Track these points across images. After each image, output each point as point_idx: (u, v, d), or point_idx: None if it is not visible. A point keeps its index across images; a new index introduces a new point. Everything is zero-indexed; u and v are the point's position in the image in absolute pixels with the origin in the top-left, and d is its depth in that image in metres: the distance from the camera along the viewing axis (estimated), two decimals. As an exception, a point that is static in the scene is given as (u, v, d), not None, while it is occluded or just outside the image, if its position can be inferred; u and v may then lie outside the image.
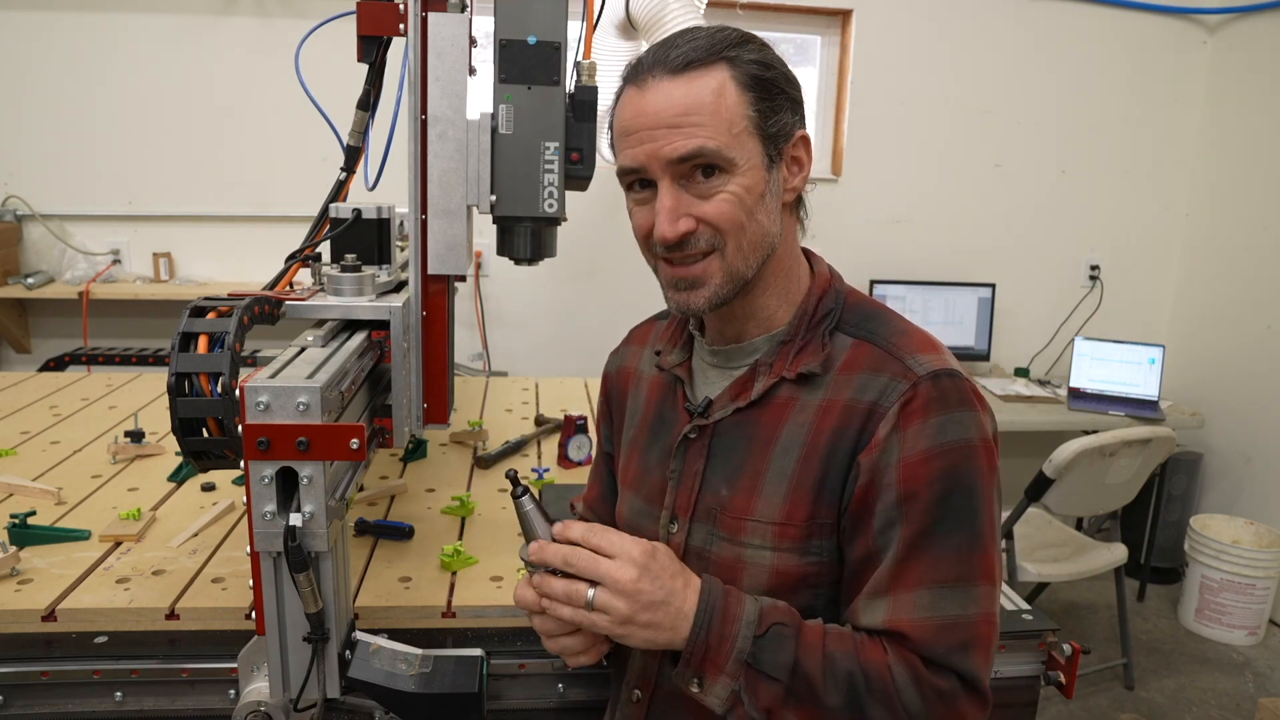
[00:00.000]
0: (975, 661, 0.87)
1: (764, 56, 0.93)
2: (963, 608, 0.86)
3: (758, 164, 0.92)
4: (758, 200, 0.93)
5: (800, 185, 0.97)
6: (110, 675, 1.20)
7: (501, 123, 1.25)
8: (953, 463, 0.87)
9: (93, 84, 3.39)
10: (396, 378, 1.26)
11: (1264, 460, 3.68)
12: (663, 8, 2.64)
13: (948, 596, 0.86)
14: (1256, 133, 3.76)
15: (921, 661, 0.86)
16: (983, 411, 0.91)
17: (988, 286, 3.86)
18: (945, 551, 0.87)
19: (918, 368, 0.91)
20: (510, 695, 1.27)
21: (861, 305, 1.01)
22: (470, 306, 3.69)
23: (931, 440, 0.88)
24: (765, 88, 0.91)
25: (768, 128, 0.92)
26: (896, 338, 0.95)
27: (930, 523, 0.87)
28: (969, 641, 0.86)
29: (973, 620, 0.87)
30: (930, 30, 3.76)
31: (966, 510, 0.88)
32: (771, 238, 0.96)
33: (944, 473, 0.87)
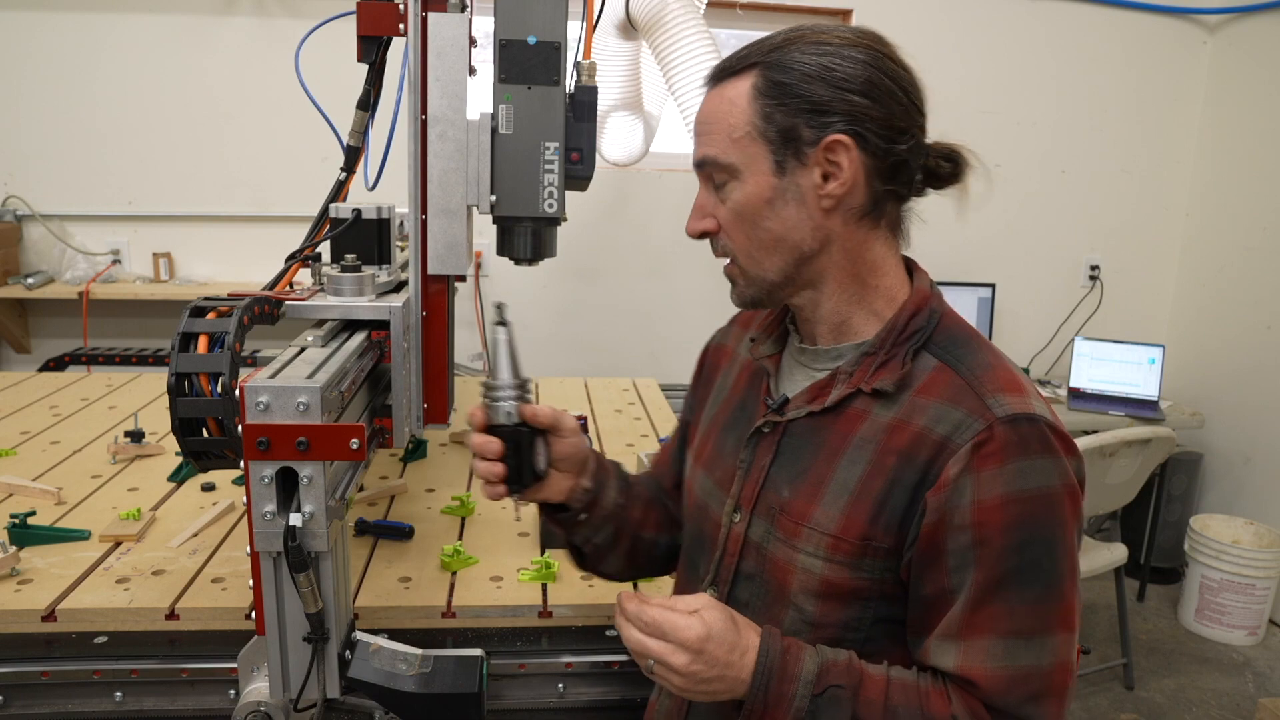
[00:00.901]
0: (1048, 711, 0.86)
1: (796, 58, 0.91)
2: (1038, 658, 0.85)
3: (763, 169, 0.92)
4: (763, 205, 0.93)
5: (838, 191, 0.91)
6: (110, 675, 1.20)
7: (501, 123, 1.25)
8: (1030, 512, 0.85)
9: (93, 84, 3.39)
10: (396, 378, 1.26)
11: (1264, 460, 3.68)
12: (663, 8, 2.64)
13: (1022, 647, 0.85)
14: (1256, 133, 3.76)
15: (988, 711, 0.86)
16: (1067, 456, 0.88)
17: (988, 286, 3.86)
18: (1021, 602, 0.85)
19: (997, 408, 0.87)
20: (510, 695, 1.27)
21: (955, 329, 0.97)
22: (470, 306, 3.69)
23: (1008, 486, 0.85)
24: (782, 90, 0.90)
25: (772, 132, 0.91)
26: (981, 371, 0.91)
27: (1005, 571, 0.85)
28: (1042, 692, 0.86)
29: (1047, 670, 0.86)
30: (930, 30, 3.77)
31: (1044, 560, 0.86)
32: (794, 244, 0.94)
33: (1021, 521, 0.85)
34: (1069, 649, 0.87)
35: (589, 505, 1.12)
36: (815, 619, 0.95)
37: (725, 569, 1.04)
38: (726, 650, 0.88)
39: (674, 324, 3.82)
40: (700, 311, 3.84)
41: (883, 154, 0.91)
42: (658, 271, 3.78)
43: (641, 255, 3.78)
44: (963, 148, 0.99)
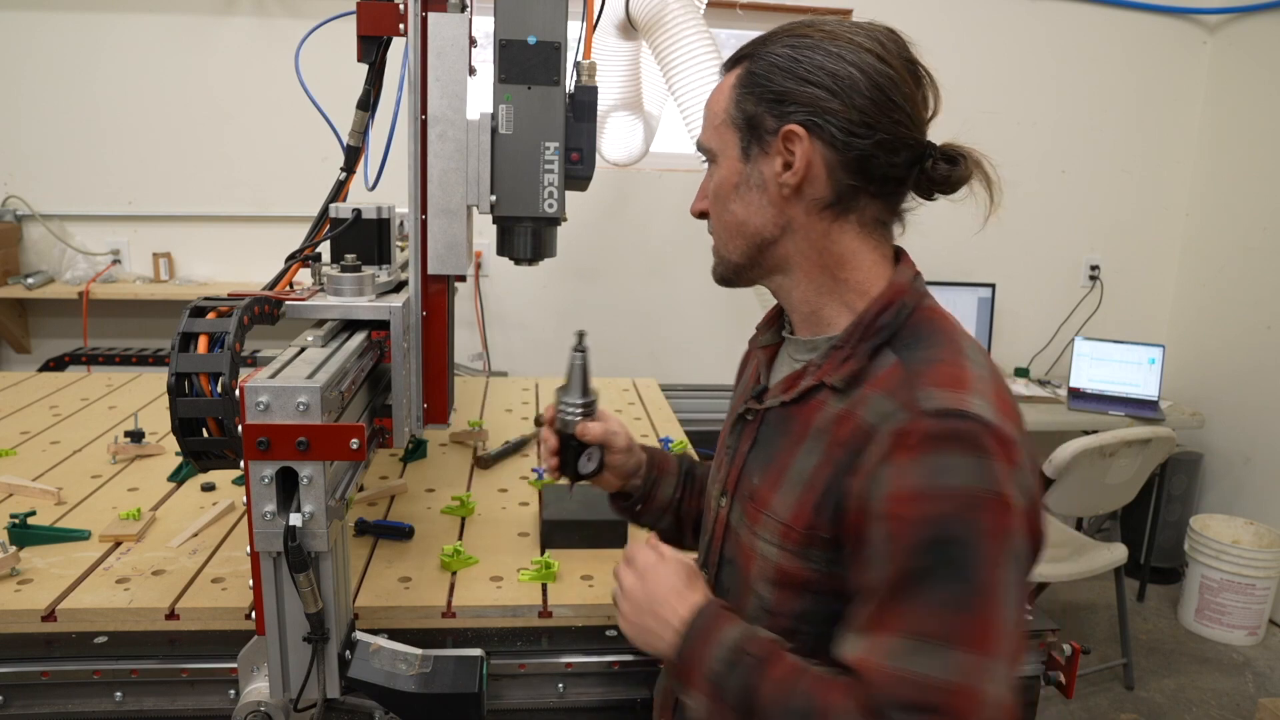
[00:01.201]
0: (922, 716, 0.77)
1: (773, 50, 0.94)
2: (938, 670, 0.77)
3: (733, 155, 0.97)
4: (730, 190, 0.98)
5: (792, 180, 0.92)
6: (110, 675, 1.20)
7: (501, 123, 1.25)
8: (946, 511, 0.79)
9: (93, 84, 3.39)
10: (396, 378, 1.26)
11: (1264, 460, 3.68)
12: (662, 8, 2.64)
13: (922, 652, 0.78)
14: (1256, 133, 3.76)
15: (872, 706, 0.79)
16: (1003, 463, 0.80)
17: (988, 286, 3.86)
18: (928, 604, 0.79)
19: (925, 401, 0.83)
20: (510, 695, 1.27)
21: (925, 325, 0.94)
22: (470, 306, 3.69)
23: (924, 479, 0.80)
24: (751, 81, 0.94)
25: (740, 118, 0.95)
26: (926, 365, 0.88)
27: (914, 568, 0.80)
28: (932, 708, 0.76)
29: (943, 687, 0.76)
30: (930, 30, 3.73)
31: (960, 566, 0.78)
32: (754, 229, 0.97)
33: (934, 518, 0.79)
34: (983, 675, 0.77)
35: (644, 499, 1.26)
36: (772, 607, 0.96)
37: (713, 553, 1.08)
38: (666, 590, 0.96)
39: (674, 324, 3.82)
40: (700, 311, 3.84)
41: (843, 147, 0.90)
42: (658, 271, 3.78)
43: (641, 255, 3.78)
44: (971, 150, 0.98)
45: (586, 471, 1.20)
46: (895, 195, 0.97)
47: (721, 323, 3.81)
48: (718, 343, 3.79)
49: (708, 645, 0.90)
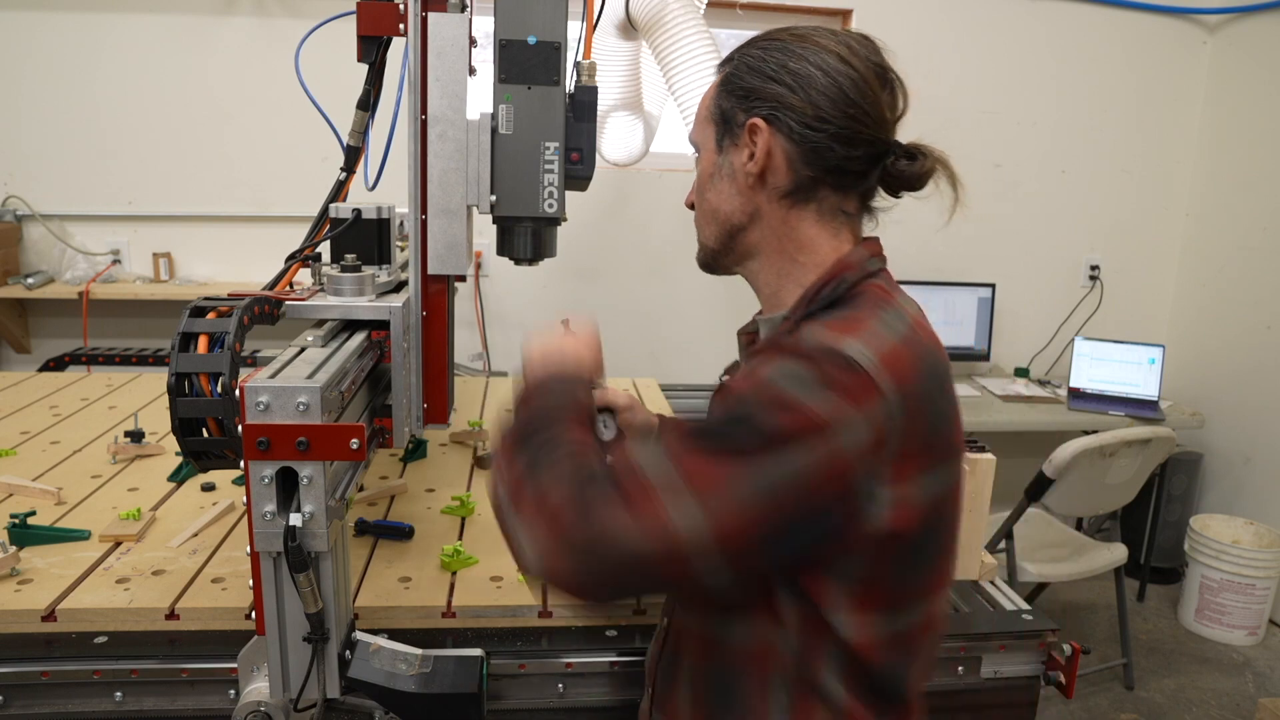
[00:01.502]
0: (605, 488, 0.82)
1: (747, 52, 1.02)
2: (650, 467, 0.82)
3: (710, 148, 1.05)
4: (707, 179, 1.05)
5: (754, 169, 0.98)
6: (110, 675, 1.20)
7: (501, 123, 1.25)
8: (759, 399, 0.83)
9: (93, 84, 3.39)
10: (396, 378, 1.26)
11: (1264, 460, 3.68)
12: (662, 8, 2.64)
13: (655, 457, 0.83)
14: (1256, 133, 3.76)
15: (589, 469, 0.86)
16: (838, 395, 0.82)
17: (988, 286, 3.86)
18: (691, 441, 0.84)
19: (804, 341, 0.88)
20: (510, 695, 1.27)
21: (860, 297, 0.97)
22: (470, 306, 3.69)
23: (762, 373, 0.85)
24: (726, 80, 1.03)
25: (716, 114, 1.03)
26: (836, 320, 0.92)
27: (705, 424, 0.87)
28: (617, 484, 0.82)
29: (636, 475, 0.82)
30: (930, 30, 3.76)
31: (733, 435, 0.83)
32: (725, 216, 1.04)
33: (745, 400, 0.84)
34: (676, 497, 0.80)
35: None
36: None
37: None
38: (576, 349, 1.12)
39: (674, 324, 3.82)
40: (700, 311, 3.84)
41: (800, 139, 0.96)
42: (658, 271, 3.78)
43: (641, 255, 3.78)
44: (934, 149, 1.01)
45: (607, 439, 1.25)
46: (854, 188, 1.01)
47: (721, 323, 3.80)
48: (718, 343, 3.79)
49: (527, 383, 1.03)
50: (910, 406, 0.85)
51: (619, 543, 0.81)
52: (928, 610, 0.97)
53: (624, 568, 0.82)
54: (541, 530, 0.83)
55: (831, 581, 0.89)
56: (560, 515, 0.83)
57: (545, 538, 0.83)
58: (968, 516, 1.50)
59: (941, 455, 0.91)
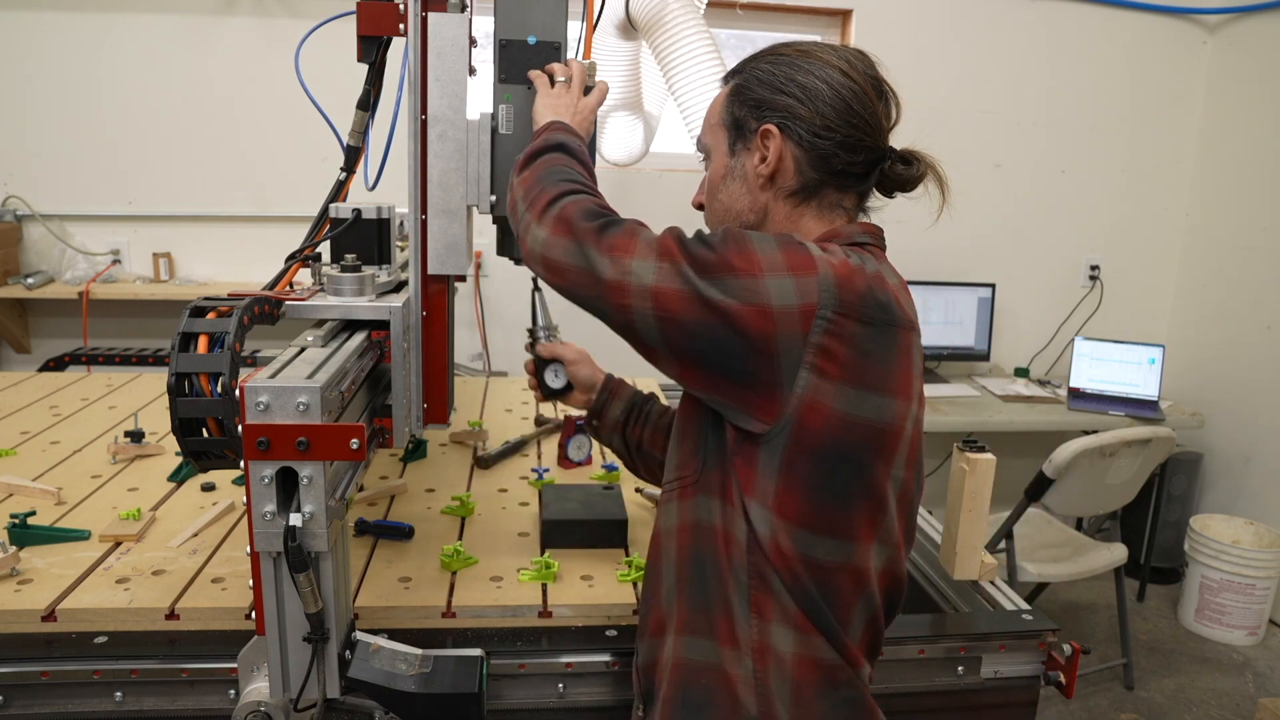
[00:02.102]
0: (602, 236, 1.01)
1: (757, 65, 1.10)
2: (644, 233, 1.02)
3: (723, 151, 1.13)
4: (720, 181, 1.14)
5: (765, 171, 1.07)
6: (110, 675, 1.20)
7: (501, 123, 1.26)
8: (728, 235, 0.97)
9: (93, 84, 3.39)
10: (396, 378, 1.26)
11: (1264, 460, 3.68)
12: (662, 8, 2.63)
13: (649, 233, 1.02)
14: (1256, 133, 3.76)
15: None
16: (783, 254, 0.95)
17: (988, 286, 3.86)
18: (676, 235, 0.99)
19: None
20: (510, 695, 1.27)
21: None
22: (470, 306, 3.69)
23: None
24: (738, 90, 1.11)
25: (728, 120, 1.12)
26: None
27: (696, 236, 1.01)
28: (616, 223, 1.04)
29: (635, 230, 1.02)
30: (930, 30, 3.76)
31: (705, 243, 0.97)
32: (736, 214, 1.12)
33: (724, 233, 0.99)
34: (644, 261, 0.97)
35: (598, 414, 1.47)
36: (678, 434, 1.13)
37: None
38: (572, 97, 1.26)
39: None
40: (700, 311, 3.84)
41: (809, 145, 1.06)
42: (658, 271, 3.78)
43: (641, 255, 3.77)
44: (926, 155, 1.11)
45: (556, 387, 1.45)
46: (854, 188, 1.11)
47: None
48: (718, 343, 3.78)
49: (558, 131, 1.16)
50: (844, 307, 0.94)
51: (597, 260, 1.00)
52: (853, 557, 0.99)
53: (588, 274, 1.01)
54: (561, 234, 1.04)
55: (754, 470, 0.98)
56: (577, 231, 1.03)
57: (562, 239, 1.03)
58: (968, 516, 1.50)
59: (873, 384, 0.96)
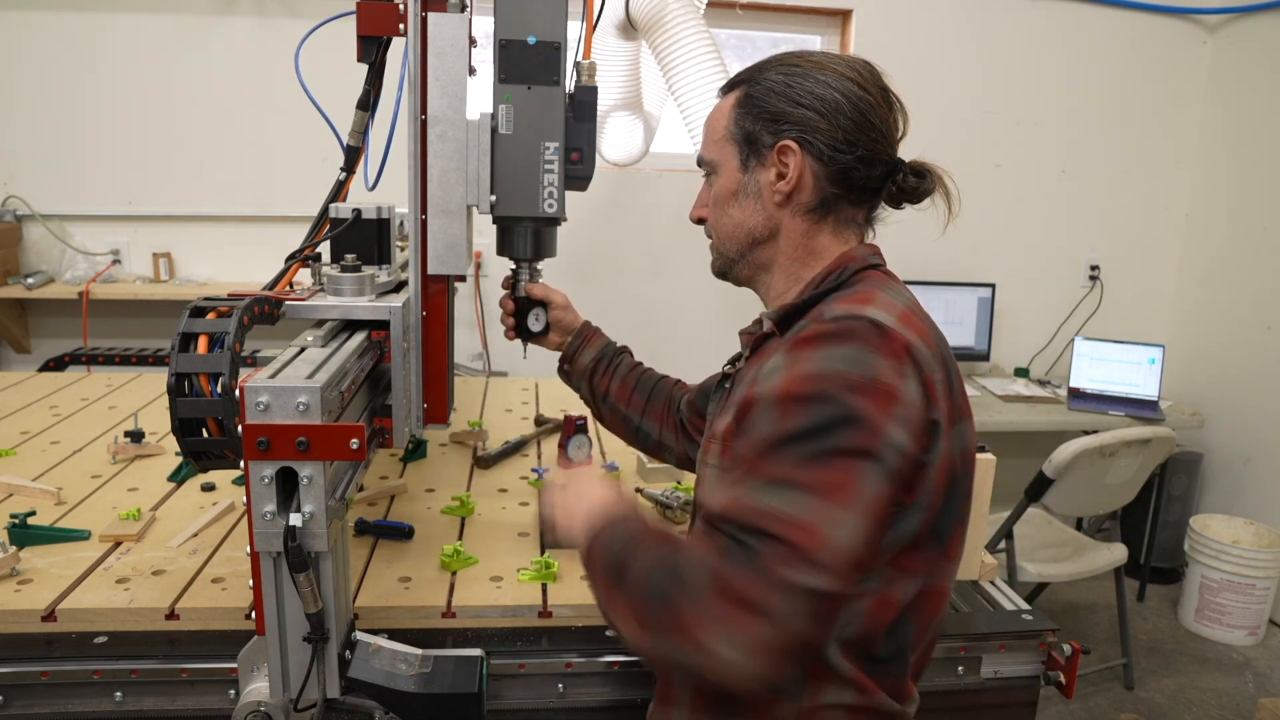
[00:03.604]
0: (767, 545, 0.81)
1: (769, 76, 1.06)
2: (788, 506, 0.82)
3: (733, 166, 1.10)
4: (730, 197, 1.11)
5: (785, 188, 1.05)
6: (110, 675, 1.20)
7: (501, 123, 1.25)
8: (824, 388, 0.86)
9: (92, 84, 3.39)
10: (396, 378, 1.26)
11: (1264, 460, 3.68)
12: (662, 8, 2.64)
13: (777, 491, 0.83)
14: (1256, 133, 3.76)
15: (710, 529, 0.85)
16: (886, 357, 0.87)
17: (988, 286, 3.86)
18: (792, 457, 0.85)
19: (828, 313, 0.96)
20: (510, 695, 1.27)
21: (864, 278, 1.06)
22: (470, 306, 3.69)
23: (811, 366, 0.88)
24: (749, 102, 1.07)
25: (738, 135, 1.08)
26: (847, 294, 1.02)
27: (784, 431, 0.86)
28: (775, 535, 0.81)
29: (788, 520, 0.81)
30: (930, 30, 3.76)
31: (826, 430, 0.84)
32: (749, 230, 1.10)
33: (812, 394, 0.86)
34: (831, 521, 0.82)
35: (570, 359, 1.51)
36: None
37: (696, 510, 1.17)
38: (587, 487, 1.06)
39: (674, 324, 3.82)
40: (700, 311, 3.84)
41: (829, 160, 1.04)
42: (658, 271, 3.78)
43: (641, 255, 3.78)
44: (935, 166, 1.10)
45: (535, 330, 1.46)
46: (868, 202, 1.10)
47: (721, 323, 3.80)
48: (718, 343, 3.78)
49: (596, 519, 0.99)
50: (936, 356, 0.94)
51: (810, 586, 0.80)
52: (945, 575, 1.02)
53: (817, 608, 0.81)
54: (738, 620, 0.79)
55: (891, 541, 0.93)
56: (743, 592, 0.79)
57: (744, 624, 0.79)
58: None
59: (962, 411, 0.98)
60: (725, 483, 0.92)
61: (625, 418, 1.51)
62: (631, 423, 1.50)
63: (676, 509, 1.67)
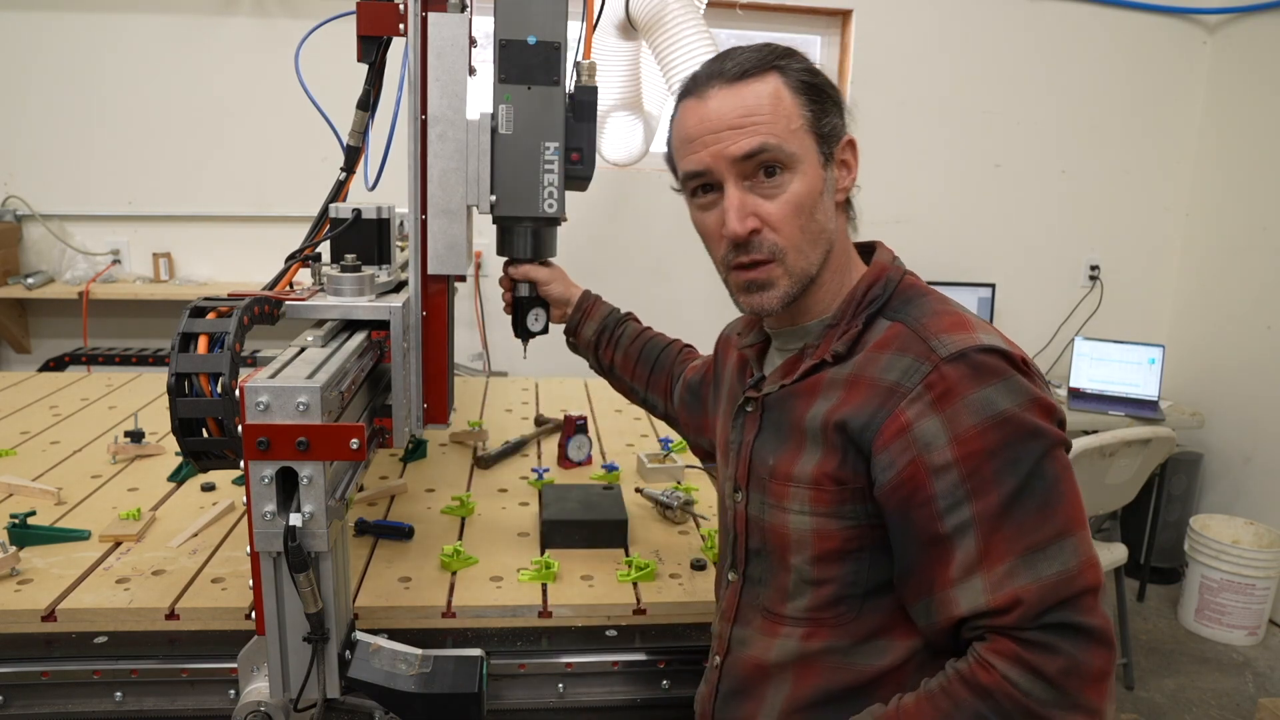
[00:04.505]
0: (1087, 607, 0.85)
1: (810, 66, 1.01)
2: (1062, 563, 0.85)
3: (815, 162, 0.99)
4: (817, 198, 0.99)
5: (849, 185, 1.02)
6: (110, 675, 1.20)
7: (501, 123, 1.25)
8: (1011, 432, 0.87)
9: (93, 84, 3.39)
10: (396, 378, 1.26)
11: (1264, 460, 3.68)
12: (662, 8, 2.64)
13: (1042, 559, 0.85)
14: (1256, 133, 3.75)
15: (1031, 634, 0.84)
16: (1025, 375, 0.91)
17: (988, 286, 3.86)
18: (1027, 517, 0.86)
19: (941, 349, 0.91)
20: (510, 695, 1.27)
21: (910, 290, 1.03)
22: (470, 306, 3.69)
23: (980, 414, 0.87)
24: (816, 91, 0.99)
25: (821, 128, 0.99)
26: (927, 318, 0.96)
27: (1005, 494, 0.86)
28: (1076, 594, 0.85)
29: (1074, 571, 0.85)
30: (930, 30, 3.76)
31: (1039, 471, 0.87)
32: (829, 235, 1.01)
33: (1005, 443, 0.87)
34: (1088, 545, 0.87)
35: (573, 332, 1.50)
36: (813, 578, 0.99)
37: (739, 550, 1.09)
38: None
39: (674, 324, 3.79)
40: (700, 312, 3.84)
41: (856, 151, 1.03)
42: (658, 271, 3.78)
43: (641, 255, 3.78)
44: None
45: (535, 330, 1.45)
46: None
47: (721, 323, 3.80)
48: (718, 343, 3.79)
49: None
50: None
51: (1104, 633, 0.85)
52: None
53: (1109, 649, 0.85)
54: (1101, 689, 0.84)
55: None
56: (1094, 669, 0.84)
57: (1102, 690, 0.84)
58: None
59: None
60: (957, 570, 0.87)
61: (631, 389, 1.52)
62: (638, 394, 1.51)
63: (676, 509, 1.67)
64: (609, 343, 1.49)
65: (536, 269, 1.41)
